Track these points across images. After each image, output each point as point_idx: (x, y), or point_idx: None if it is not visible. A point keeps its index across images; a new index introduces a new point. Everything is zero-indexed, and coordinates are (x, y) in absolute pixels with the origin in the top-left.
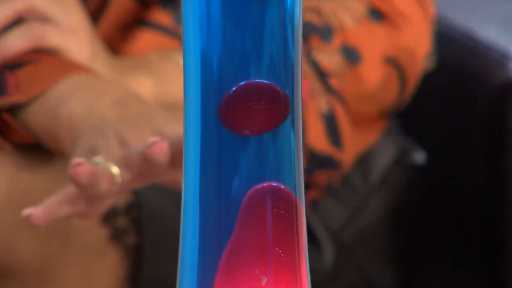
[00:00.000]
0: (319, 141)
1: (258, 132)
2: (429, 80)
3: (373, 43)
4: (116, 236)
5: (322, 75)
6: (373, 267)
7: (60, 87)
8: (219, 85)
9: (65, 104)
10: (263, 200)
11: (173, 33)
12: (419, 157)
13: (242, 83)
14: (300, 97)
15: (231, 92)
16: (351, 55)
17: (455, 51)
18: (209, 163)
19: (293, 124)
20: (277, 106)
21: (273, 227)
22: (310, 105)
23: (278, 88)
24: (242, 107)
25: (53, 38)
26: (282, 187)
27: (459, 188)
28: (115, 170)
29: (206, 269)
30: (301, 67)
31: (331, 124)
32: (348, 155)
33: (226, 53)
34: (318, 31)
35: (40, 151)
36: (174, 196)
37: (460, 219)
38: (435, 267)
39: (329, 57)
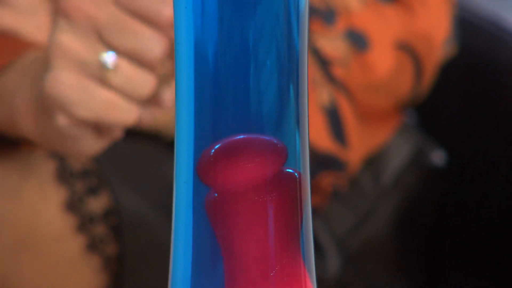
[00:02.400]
0: (321, 137)
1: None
2: (450, 71)
3: (383, 27)
4: (94, 245)
5: (324, 63)
6: (383, 278)
7: (13, 72)
8: (215, 83)
9: (19, 92)
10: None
11: None
12: (437, 157)
13: (219, 144)
14: (306, 92)
15: (211, 153)
16: (357, 41)
17: (480, 41)
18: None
19: (298, 126)
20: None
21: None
22: (310, 97)
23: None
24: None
25: (6, 20)
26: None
27: (482, 192)
28: None
29: None
30: (307, 59)
31: (333, 119)
32: (354, 154)
33: (222, 45)
34: (320, 14)
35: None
36: (155, 202)
37: (483, 227)
38: (454, 280)
39: (332, 43)
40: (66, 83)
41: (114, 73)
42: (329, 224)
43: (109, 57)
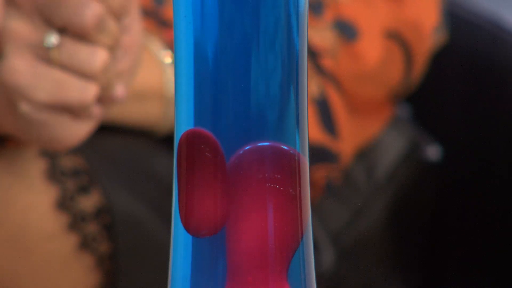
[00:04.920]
0: (311, 129)
1: None
2: (448, 69)
3: (372, 16)
4: (86, 244)
5: (312, 54)
6: (377, 274)
7: None
8: (214, 84)
9: None
10: None
11: (150, 14)
12: (432, 151)
13: None
14: (306, 92)
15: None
16: (346, 31)
17: (480, 41)
18: None
19: (298, 126)
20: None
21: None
22: None
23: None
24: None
25: None
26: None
27: (478, 188)
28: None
29: None
30: (307, 56)
31: (323, 110)
32: (346, 145)
33: (222, 45)
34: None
35: None
36: (148, 200)
37: (478, 223)
38: (448, 276)
39: (320, 34)
40: (19, 69)
41: (58, 51)
42: (323, 220)
43: (51, 36)
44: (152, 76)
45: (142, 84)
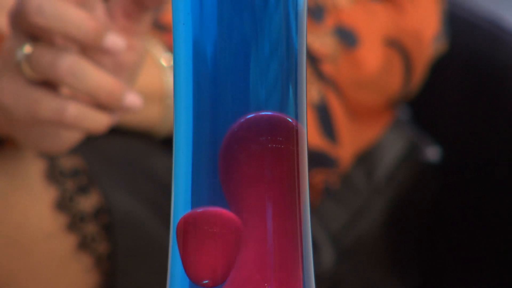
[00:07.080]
0: (311, 134)
1: None
2: (448, 70)
3: (372, 24)
4: (85, 244)
5: (313, 60)
6: (377, 274)
7: None
8: (213, 83)
9: None
10: None
11: None
12: (432, 153)
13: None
14: (305, 91)
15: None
16: (346, 37)
17: (480, 40)
18: None
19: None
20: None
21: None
22: None
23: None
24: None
25: None
26: None
27: (477, 189)
28: None
29: None
30: (306, 58)
31: (323, 116)
32: (345, 151)
33: (221, 45)
34: (308, 11)
35: None
36: (147, 200)
37: (478, 224)
38: (447, 277)
39: (320, 40)
40: (5, 89)
41: (29, 61)
42: (323, 221)
43: (23, 47)
44: (152, 79)
45: (142, 86)
